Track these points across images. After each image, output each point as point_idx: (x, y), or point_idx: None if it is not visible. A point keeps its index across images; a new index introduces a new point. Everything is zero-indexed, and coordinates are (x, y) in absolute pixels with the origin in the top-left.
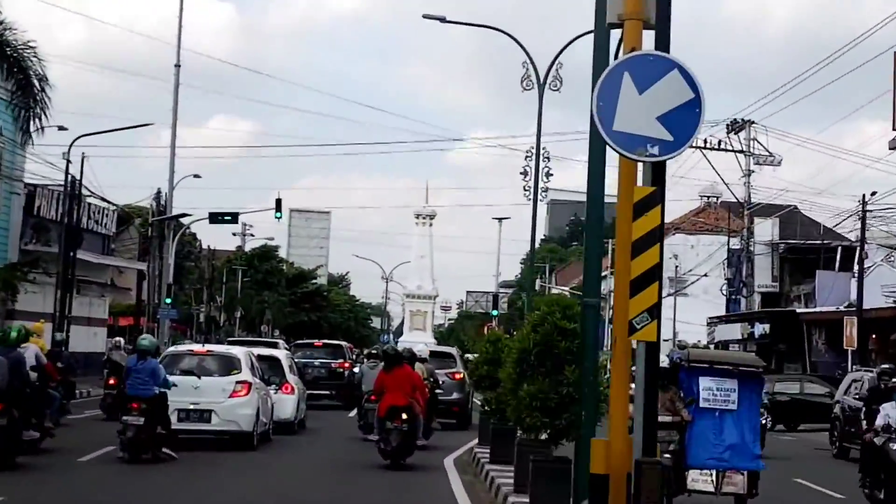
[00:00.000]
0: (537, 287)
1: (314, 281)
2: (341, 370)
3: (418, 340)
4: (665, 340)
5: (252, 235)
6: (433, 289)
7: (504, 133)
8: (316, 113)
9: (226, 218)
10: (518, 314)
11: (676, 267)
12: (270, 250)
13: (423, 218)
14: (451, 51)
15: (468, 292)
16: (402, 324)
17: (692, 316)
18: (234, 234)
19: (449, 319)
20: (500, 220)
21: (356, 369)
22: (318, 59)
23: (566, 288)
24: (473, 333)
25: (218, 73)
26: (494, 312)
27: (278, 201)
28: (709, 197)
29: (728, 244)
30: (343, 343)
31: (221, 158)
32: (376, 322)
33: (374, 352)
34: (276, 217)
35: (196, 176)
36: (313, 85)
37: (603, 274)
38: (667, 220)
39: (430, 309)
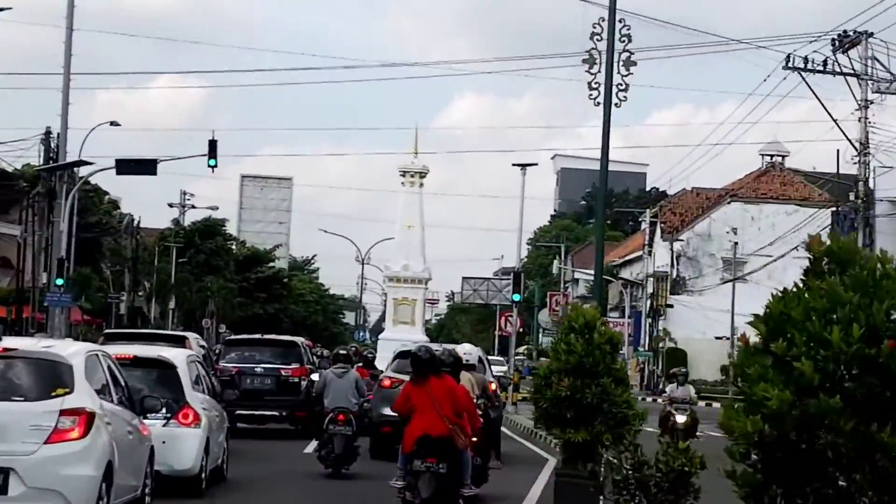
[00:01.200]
0: (555, 270)
1: (271, 264)
2: (296, 379)
3: (404, 338)
4: (723, 338)
5: (193, 207)
6: (424, 270)
7: (497, 97)
8: (281, 69)
9: (138, 166)
10: (527, 302)
11: (735, 245)
12: (216, 224)
13: (412, 176)
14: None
15: (464, 279)
16: (382, 317)
17: (754, 307)
18: (170, 206)
19: (436, 315)
20: (522, 166)
21: (315, 376)
22: (282, 10)
23: (587, 271)
24: (469, 330)
25: (166, 24)
26: (516, 297)
27: (212, 143)
28: (772, 156)
29: (837, 206)
30: (298, 340)
31: (168, 125)
32: (350, 317)
33: (342, 352)
34: (209, 165)
35: (114, 123)
36: (277, 39)
37: (623, 257)
38: (719, 184)
39: (419, 296)
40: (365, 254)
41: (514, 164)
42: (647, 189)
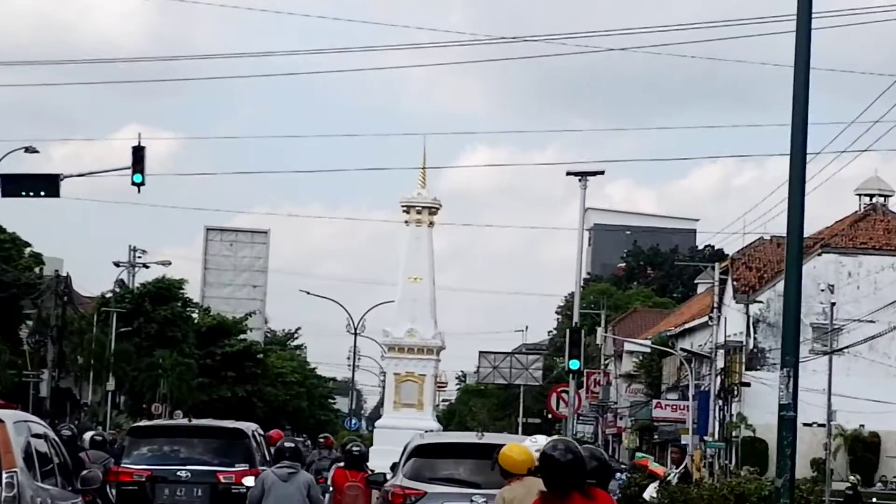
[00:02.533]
0: (599, 339)
1: (242, 337)
2: (242, 489)
3: (408, 425)
4: (813, 424)
5: (145, 266)
6: (435, 336)
7: (515, 149)
8: (260, 119)
9: (33, 184)
10: (557, 382)
11: (832, 307)
12: (171, 286)
13: (418, 212)
14: (447, 41)
15: (482, 353)
16: (381, 402)
17: (853, 386)
18: (116, 265)
19: (443, 401)
20: (581, 175)
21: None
22: (262, 46)
23: (640, 341)
24: (486, 417)
25: (130, 65)
26: (574, 364)
27: (137, 151)
28: (871, 196)
29: None
30: (246, 427)
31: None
32: (343, 403)
33: (288, 445)
34: (133, 182)
35: (30, 150)
36: (259, 81)
37: (681, 325)
38: (810, 231)
39: (429, 371)
40: (358, 322)
41: (569, 174)
42: (700, 247)
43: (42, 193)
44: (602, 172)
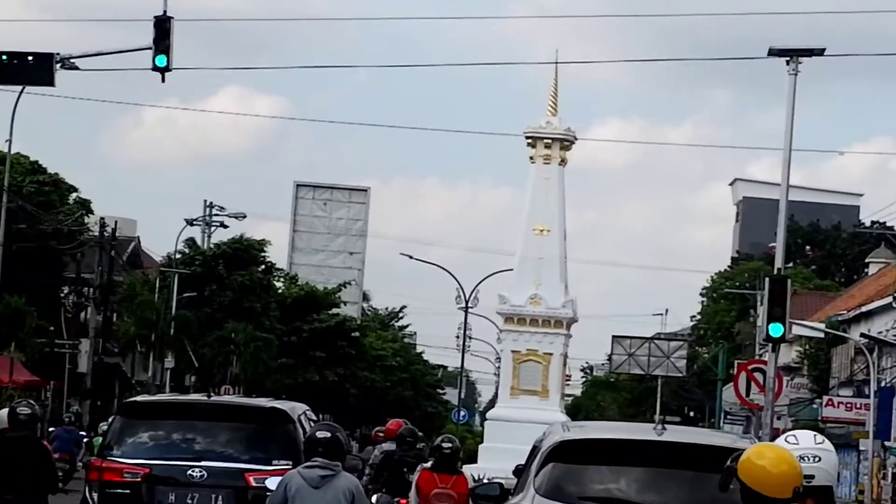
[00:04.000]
0: (760, 321)
1: (335, 311)
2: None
3: (529, 417)
4: None
5: (222, 225)
6: (566, 305)
7: (651, 121)
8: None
9: (13, 66)
10: (700, 375)
11: None
12: (251, 248)
13: (546, 146)
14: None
15: (615, 338)
16: (497, 391)
17: None
18: (189, 223)
19: (566, 396)
20: (791, 55)
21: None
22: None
23: (814, 324)
24: (617, 413)
25: (231, 26)
26: (777, 330)
27: (160, 23)
28: None
29: None
30: (290, 408)
31: (233, 146)
32: (452, 395)
33: (319, 436)
34: (156, 67)
35: (66, 65)
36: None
37: (855, 309)
38: None
39: (558, 349)
40: (470, 294)
41: (771, 52)
42: (868, 223)
43: (27, 80)
44: (822, 52)
